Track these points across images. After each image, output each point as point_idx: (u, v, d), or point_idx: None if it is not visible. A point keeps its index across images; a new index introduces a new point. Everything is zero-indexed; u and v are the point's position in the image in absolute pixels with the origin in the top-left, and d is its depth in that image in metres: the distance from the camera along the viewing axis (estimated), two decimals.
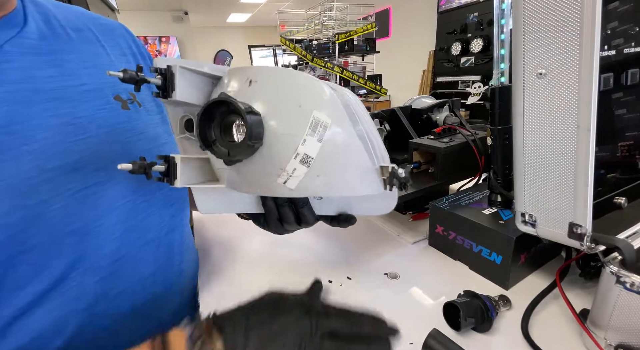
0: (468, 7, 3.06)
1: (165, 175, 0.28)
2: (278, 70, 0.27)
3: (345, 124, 0.27)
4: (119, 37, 0.43)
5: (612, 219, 0.37)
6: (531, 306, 0.40)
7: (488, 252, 0.46)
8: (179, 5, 5.19)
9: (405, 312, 0.43)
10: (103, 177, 0.34)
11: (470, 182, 0.64)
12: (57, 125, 0.32)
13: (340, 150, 0.27)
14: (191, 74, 0.28)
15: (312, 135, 0.25)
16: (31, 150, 0.30)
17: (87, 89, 0.35)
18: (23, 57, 0.31)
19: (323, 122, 0.25)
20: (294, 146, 0.25)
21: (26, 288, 0.29)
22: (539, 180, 0.36)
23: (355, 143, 0.28)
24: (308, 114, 0.25)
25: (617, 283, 0.30)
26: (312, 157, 0.25)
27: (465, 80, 3.20)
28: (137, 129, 0.39)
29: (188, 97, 0.28)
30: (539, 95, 0.33)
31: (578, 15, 0.29)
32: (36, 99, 0.31)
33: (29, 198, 0.29)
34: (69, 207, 0.32)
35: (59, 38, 0.36)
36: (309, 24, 3.66)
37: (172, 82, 0.27)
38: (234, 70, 0.29)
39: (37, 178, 0.30)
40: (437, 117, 0.74)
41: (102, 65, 0.38)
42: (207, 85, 0.30)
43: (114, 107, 0.37)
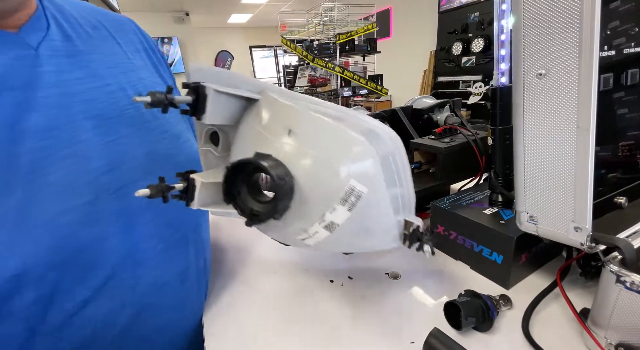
0: (469, 7, 3.06)
1: (183, 193, 0.28)
2: (321, 124, 0.24)
3: (381, 190, 0.25)
4: (130, 33, 0.44)
5: (613, 219, 0.38)
6: (532, 305, 0.40)
7: (489, 252, 0.46)
8: (180, 6, 5.20)
9: (406, 312, 0.43)
10: (138, 175, 0.35)
11: (471, 182, 0.64)
12: (92, 127, 0.32)
13: (367, 217, 0.25)
14: (223, 96, 0.26)
15: (343, 204, 0.23)
16: (72, 153, 0.30)
17: (112, 89, 0.36)
18: (55, 60, 0.32)
19: (357, 192, 0.23)
20: (322, 213, 0.23)
21: (84, 283, 0.31)
22: (539, 180, 0.36)
23: (384, 207, 0.26)
24: (344, 183, 0.23)
25: (617, 282, 0.31)
26: (338, 225, 0.24)
27: (466, 80, 3.19)
28: (161, 127, 0.39)
29: (218, 120, 0.26)
30: (539, 96, 0.33)
31: (577, 16, 0.29)
32: (70, 102, 0.31)
33: (76, 199, 0.30)
34: (112, 205, 0.33)
35: (80, 37, 0.36)
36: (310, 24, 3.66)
37: (204, 105, 0.25)
38: (273, 102, 0.26)
39: (81, 179, 0.30)
40: (438, 117, 0.74)
41: (121, 63, 0.39)
42: (240, 103, 0.27)
43: (138, 107, 0.37)
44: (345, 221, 0.23)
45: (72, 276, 0.30)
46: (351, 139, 0.24)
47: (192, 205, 0.28)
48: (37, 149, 0.28)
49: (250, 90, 0.27)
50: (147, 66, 0.43)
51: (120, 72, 0.38)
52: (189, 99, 0.24)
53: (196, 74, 0.25)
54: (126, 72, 0.38)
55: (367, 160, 0.24)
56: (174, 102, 0.24)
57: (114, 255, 0.33)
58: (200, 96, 0.25)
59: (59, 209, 0.29)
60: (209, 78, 0.25)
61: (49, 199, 0.28)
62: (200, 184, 0.27)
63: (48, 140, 0.29)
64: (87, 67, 0.34)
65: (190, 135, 0.45)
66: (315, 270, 0.52)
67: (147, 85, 0.40)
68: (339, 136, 0.24)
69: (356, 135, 0.24)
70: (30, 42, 0.31)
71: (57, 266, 0.29)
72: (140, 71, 0.41)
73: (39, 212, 0.28)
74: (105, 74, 0.36)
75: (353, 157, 0.23)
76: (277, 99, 0.26)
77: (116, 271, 0.33)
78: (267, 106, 0.26)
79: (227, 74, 0.26)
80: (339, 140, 0.24)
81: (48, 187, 0.28)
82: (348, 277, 0.50)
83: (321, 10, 3.35)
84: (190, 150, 0.43)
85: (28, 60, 0.30)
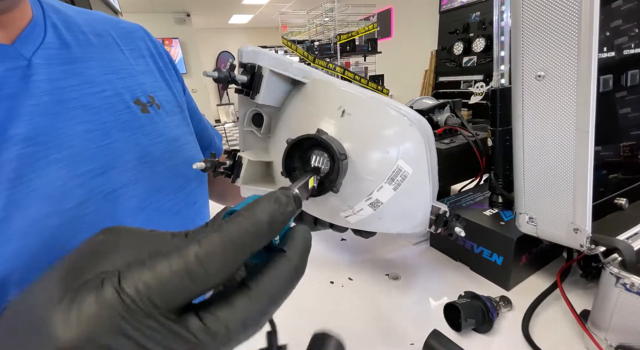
0: (470, 7, 3.05)
1: (229, 170, 0.29)
2: (374, 104, 0.25)
3: (424, 171, 0.26)
4: (137, 40, 0.44)
5: (613, 220, 0.38)
6: (532, 307, 0.40)
7: (489, 253, 0.46)
8: (181, 7, 5.22)
9: (406, 313, 0.43)
10: (129, 179, 0.35)
11: (472, 183, 0.64)
12: (83, 132, 0.33)
13: (411, 197, 0.26)
14: (277, 77, 0.27)
15: (390, 183, 0.24)
16: (61, 157, 0.30)
17: (107, 95, 0.36)
18: (48, 68, 0.32)
19: (404, 172, 0.24)
20: (369, 191, 0.24)
21: None
22: (539, 182, 0.36)
23: (424, 189, 0.27)
24: (393, 163, 0.24)
25: (617, 284, 0.31)
26: (382, 203, 0.25)
27: (467, 79, 3.18)
28: (157, 131, 0.39)
29: (269, 100, 0.28)
30: (538, 98, 0.33)
31: (576, 18, 0.29)
32: (62, 109, 0.32)
33: (64, 202, 0.30)
34: (102, 209, 0.33)
35: (80, 44, 0.36)
36: (311, 24, 3.66)
37: (259, 85, 0.26)
38: (323, 84, 0.27)
39: (70, 183, 0.31)
40: (438, 118, 0.74)
41: (122, 69, 0.39)
42: (287, 86, 0.29)
43: (134, 111, 0.38)
44: (389, 200, 0.25)
45: None
46: (401, 121, 0.25)
47: (237, 182, 0.28)
48: (23, 155, 0.28)
49: (296, 73, 0.28)
50: (151, 71, 0.43)
51: (119, 78, 0.38)
52: (244, 78, 0.26)
53: (248, 55, 0.26)
54: (125, 78, 0.39)
55: (414, 143, 0.25)
56: (235, 80, 0.25)
57: None
58: (256, 76, 0.26)
59: (45, 213, 0.29)
60: (261, 60, 0.26)
61: (35, 203, 0.28)
62: (247, 161, 0.28)
63: (35, 147, 0.29)
64: (83, 74, 0.35)
65: (190, 139, 0.45)
66: (315, 271, 0.53)
67: (146, 89, 0.40)
68: (389, 118, 0.25)
69: (405, 119, 0.26)
70: (24, 53, 0.31)
71: (43, 269, 0.29)
72: (142, 76, 0.41)
73: (24, 215, 0.28)
74: (102, 80, 0.36)
75: (402, 138, 0.25)
76: (327, 81, 0.27)
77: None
78: (318, 88, 0.27)
79: (276, 57, 0.27)
80: (390, 122, 0.25)
81: (34, 192, 0.28)
82: (348, 279, 0.50)
83: (322, 11, 3.35)
84: (187, 153, 0.43)
85: (19, 71, 0.30)
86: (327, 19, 3.37)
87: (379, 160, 0.24)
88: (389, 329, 0.41)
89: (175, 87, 0.47)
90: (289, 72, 0.27)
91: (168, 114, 0.42)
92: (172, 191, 0.40)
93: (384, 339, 0.39)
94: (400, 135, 0.25)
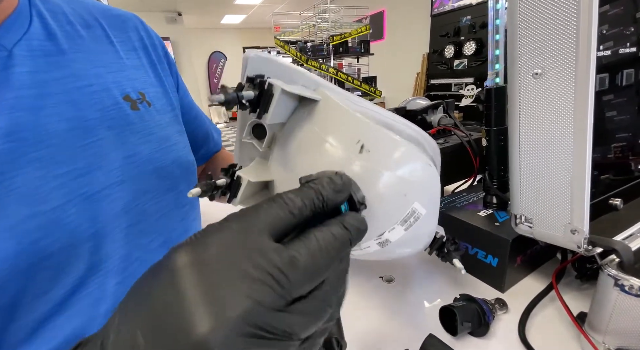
0: (461, 11, 3.09)
1: (226, 189, 0.26)
2: (395, 144, 0.23)
3: (436, 211, 0.25)
4: (130, 30, 0.42)
5: (608, 221, 0.37)
6: (528, 309, 0.39)
7: (484, 255, 0.45)
8: (172, 7, 5.15)
9: (401, 317, 0.42)
10: (114, 180, 0.33)
11: (465, 183, 0.63)
12: (66, 130, 0.31)
13: (419, 233, 0.25)
14: (287, 95, 0.24)
15: (402, 224, 0.23)
16: (40, 156, 0.29)
17: (95, 90, 0.34)
18: (31, 61, 0.30)
19: (417, 214, 0.23)
20: (380, 232, 0.23)
21: (48, 294, 0.29)
22: (535, 182, 0.35)
23: (433, 223, 0.26)
24: (408, 205, 0.23)
25: (615, 286, 0.30)
26: (391, 242, 0.24)
27: (458, 82, 3.22)
28: (146, 130, 0.37)
29: (277, 119, 0.25)
30: (535, 96, 0.33)
31: (574, 14, 0.28)
32: (44, 103, 0.30)
33: (44, 204, 0.28)
34: (84, 211, 0.31)
35: (67, 35, 0.34)
36: (304, 25, 3.66)
37: (268, 105, 0.23)
38: (337, 108, 0.24)
39: (49, 184, 0.29)
40: (431, 119, 0.73)
41: (111, 63, 0.37)
42: (295, 102, 0.26)
43: (122, 108, 0.36)
44: (398, 239, 0.24)
45: (37, 284, 0.28)
46: (422, 163, 0.23)
47: (234, 202, 0.26)
48: (3, 151, 0.26)
49: (305, 85, 0.25)
50: (142, 65, 0.41)
51: (108, 73, 0.36)
52: (251, 94, 0.22)
53: (256, 64, 0.23)
54: (114, 72, 0.37)
55: (431, 184, 0.24)
56: (242, 102, 0.22)
57: (83, 264, 0.31)
58: (265, 94, 0.22)
59: (24, 215, 0.27)
60: (269, 70, 0.23)
61: (13, 204, 0.26)
62: (247, 182, 0.25)
63: (13, 143, 0.27)
64: (69, 67, 0.33)
65: (181, 139, 0.43)
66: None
67: (137, 85, 0.38)
68: (410, 157, 0.23)
69: (427, 158, 0.24)
70: (5, 43, 0.29)
71: (22, 272, 0.27)
72: (132, 71, 0.39)
73: (3, 217, 0.26)
74: (89, 74, 0.34)
75: (421, 181, 0.23)
76: (342, 106, 0.24)
77: (84, 281, 0.31)
78: (332, 112, 0.24)
79: (286, 67, 0.24)
80: (411, 163, 0.23)
81: (12, 192, 0.26)
82: None
83: (314, 12, 3.35)
84: (177, 154, 0.41)
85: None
86: (320, 20, 3.37)
87: (395, 203, 0.23)
88: (383, 334, 0.39)
89: (168, 82, 0.44)
90: (301, 86, 0.25)
91: (159, 112, 0.40)
92: (160, 193, 0.38)
93: (378, 344, 0.38)
94: (420, 177, 0.23)
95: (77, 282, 0.31)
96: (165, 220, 0.39)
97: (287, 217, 0.16)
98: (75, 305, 0.31)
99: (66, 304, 0.30)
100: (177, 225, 0.42)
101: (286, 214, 0.16)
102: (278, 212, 0.16)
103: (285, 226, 0.16)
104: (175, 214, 0.41)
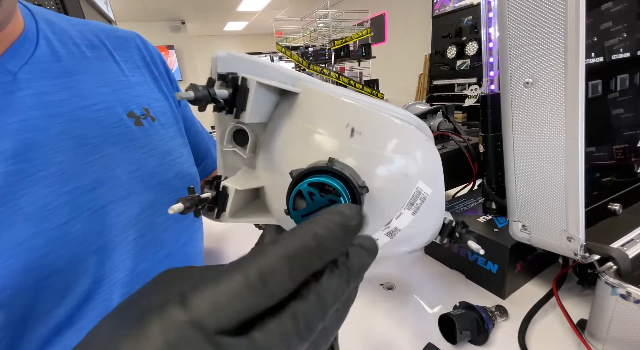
0: (462, 11, 3.08)
1: (212, 203, 0.24)
2: (387, 122, 0.22)
3: (441, 189, 0.23)
4: (132, 49, 0.43)
5: (607, 226, 0.37)
6: (528, 316, 0.39)
7: (484, 261, 0.45)
8: (176, 15, 5.24)
9: (401, 325, 0.42)
10: (120, 194, 0.35)
11: (465, 188, 0.63)
12: (73, 148, 0.32)
13: (428, 217, 0.23)
14: (265, 88, 0.22)
15: (409, 208, 0.21)
16: (48, 175, 0.30)
17: (99, 109, 0.35)
18: (37, 83, 0.31)
19: (423, 194, 0.21)
20: (388, 220, 0.21)
21: (57, 308, 0.30)
22: (531, 189, 0.35)
23: (441, 205, 0.24)
24: (412, 186, 0.21)
25: (613, 294, 0.30)
26: (400, 230, 0.22)
27: (461, 82, 3.21)
28: (151, 144, 0.39)
29: (256, 118, 0.23)
30: (527, 105, 0.33)
31: (562, 24, 0.29)
32: (51, 123, 0.31)
33: (49, 221, 0.29)
34: (90, 226, 0.32)
35: (73, 57, 0.36)
36: (305, 31, 3.68)
37: (244, 101, 0.21)
38: (319, 95, 0.22)
39: (56, 201, 0.30)
40: (431, 123, 0.73)
41: (115, 82, 0.38)
42: (275, 97, 0.24)
43: (126, 124, 0.37)
44: (407, 226, 0.22)
45: (46, 299, 0.29)
46: (419, 138, 0.22)
47: (223, 217, 0.24)
48: (8, 173, 0.27)
49: (284, 81, 0.24)
50: (146, 82, 0.43)
51: (112, 91, 0.37)
52: (225, 92, 0.21)
53: (226, 63, 0.22)
54: (118, 91, 0.38)
55: (432, 160, 0.22)
56: (216, 99, 0.21)
57: (90, 278, 0.32)
58: (241, 90, 0.21)
59: (32, 232, 0.28)
60: (242, 68, 0.22)
61: (20, 223, 0.27)
62: (234, 192, 0.23)
63: (22, 164, 0.28)
64: (74, 88, 0.34)
65: (184, 151, 0.44)
66: None
67: (141, 102, 0.40)
68: (406, 135, 0.22)
69: (422, 134, 0.22)
70: (10, 68, 0.30)
71: (30, 288, 0.28)
72: (137, 88, 0.40)
73: (9, 235, 0.27)
74: (94, 94, 0.35)
75: (421, 157, 0.22)
76: (325, 92, 0.23)
77: (91, 294, 0.32)
78: (314, 100, 0.23)
79: (260, 64, 0.23)
80: (407, 140, 0.22)
81: (19, 211, 0.28)
82: None
83: (316, 17, 3.37)
84: (181, 167, 0.42)
85: (3, 87, 0.29)
86: (321, 25, 3.39)
87: (397, 185, 0.21)
88: (382, 342, 0.39)
89: (172, 96, 0.46)
90: (277, 80, 0.23)
91: (163, 126, 0.41)
92: (164, 205, 0.40)
93: None
94: (418, 153, 0.22)
95: (85, 296, 0.32)
96: (169, 232, 0.40)
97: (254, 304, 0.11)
98: (83, 318, 0.32)
99: (74, 317, 0.31)
100: (181, 235, 0.43)
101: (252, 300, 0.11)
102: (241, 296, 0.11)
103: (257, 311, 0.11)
104: (179, 226, 0.42)
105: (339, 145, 0.21)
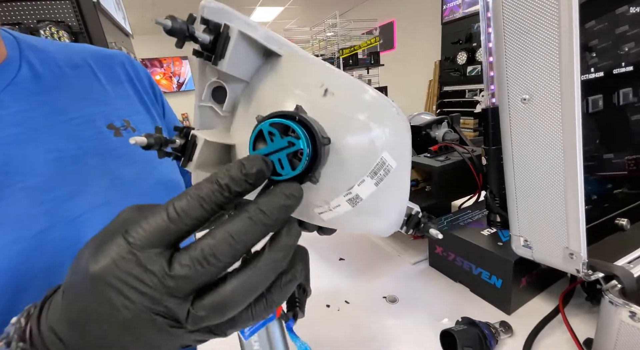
0: (472, 17, 3.07)
1: (179, 152, 0.24)
2: (360, 87, 0.22)
3: (407, 165, 0.24)
4: (117, 66, 0.46)
5: (614, 242, 0.36)
6: (533, 333, 0.38)
7: (488, 275, 0.45)
8: None
9: (403, 340, 0.41)
10: (98, 203, 0.36)
11: (471, 199, 0.62)
12: (53, 160, 0.34)
13: (390, 194, 0.23)
14: (247, 42, 0.22)
15: (372, 177, 0.22)
16: (26, 186, 0.32)
17: (79, 122, 0.37)
18: (17, 102, 0.34)
19: (387, 166, 0.22)
20: (350, 184, 0.21)
21: None
22: (531, 204, 0.35)
23: (405, 186, 0.24)
24: (377, 154, 0.21)
25: (617, 313, 0.29)
26: (362, 199, 0.22)
27: (472, 88, 3.17)
28: (129, 154, 0.40)
29: (235, 70, 0.23)
30: (525, 120, 0.33)
31: (556, 41, 0.29)
32: (31, 138, 0.33)
33: (28, 229, 0.31)
34: (69, 233, 0.33)
35: (53, 76, 0.38)
36: (314, 40, 3.74)
37: (224, 49, 0.21)
38: (302, 58, 0.23)
39: (34, 211, 0.32)
40: (436, 134, 0.73)
41: (95, 97, 0.41)
42: (258, 58, 0.24)
43: (106, 135, 0.39)
44: (369, 196, 0.22)
45: (26, 303, 0.30)
46: (389, 108, 0.22)
47: (189, 166, 0.24)
48: None
49: (269, 42, 0.24)
50: (128, 96, 0.45)
51: (91, 105, 0.40)
52: (207, 38, 0.21)
53: (212, 13, 0.21)
54: (98, 105, 0.41)
55: (401, 134, 0.23)
56: (194, 36, 0.21)
57: None
58: (222, 37, 0.21)
59: (9, 239, 0.30)
60: (228, 20, 0.22)
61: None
62: (203, 142, 0.23)
63: (1, 176, 0.30)
64: (54, 103, 0.36)
65: (165, 160, 0.46)
66: (312, 292, 0.52)
67: (122, 114, 0.42)
68: (377, 104, 0.22)
69: (394, 107, 0.23)
70: None
71: (10, 290, 0.29)
72: (118, 101, 0.43)
73: None
74: (73, 108, 0.38)
75: (389, 128, 0.22)
76: (306, 56, 0.23)
77: None
78: (296, 62, 0.23)
79: (247, 21, 0.23)
80: (377, 108, 0.22)
81: None
82: (345, 302, 0.49)
83: (324, 27, 3.42)
84: (160, 175, 0.43)
85: None
86: (330, 34, 3.44)
87: (363, 150, 0.21)
88: None
89: (155, 109, 0.48)
90: (262, 38, 0.23)
91: None
92: None
93: None
94: (388, 124, 0.22)
95: None
96: None
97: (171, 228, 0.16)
98: None
99: None
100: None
101: (168, 225, 0.16)
102: (159, 223, 0.16)
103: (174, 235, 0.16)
104: None
105: (308, 101, 0.21)
